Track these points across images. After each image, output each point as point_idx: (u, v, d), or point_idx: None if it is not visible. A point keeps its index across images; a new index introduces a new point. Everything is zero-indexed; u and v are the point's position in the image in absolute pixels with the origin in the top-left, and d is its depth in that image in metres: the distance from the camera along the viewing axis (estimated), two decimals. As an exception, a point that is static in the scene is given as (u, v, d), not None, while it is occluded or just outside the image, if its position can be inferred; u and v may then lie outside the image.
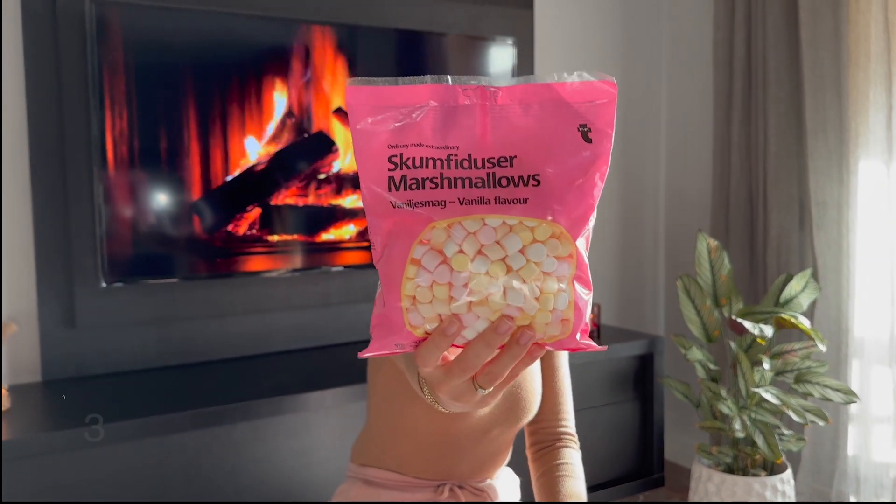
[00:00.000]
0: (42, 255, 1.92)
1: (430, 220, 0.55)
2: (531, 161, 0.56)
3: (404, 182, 0.55)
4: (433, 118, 0.55)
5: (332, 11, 2.21)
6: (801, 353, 2.19)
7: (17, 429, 1.58)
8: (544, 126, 0.56)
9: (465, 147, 0.55)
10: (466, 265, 0.55)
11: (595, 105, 0.56)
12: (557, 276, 0.57)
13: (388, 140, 0.55)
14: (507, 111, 0.56)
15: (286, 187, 2.15)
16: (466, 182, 0.55)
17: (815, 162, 2.34)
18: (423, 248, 0.56)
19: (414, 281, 0.56)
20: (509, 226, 0.55)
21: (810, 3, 2.30)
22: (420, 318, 0.57)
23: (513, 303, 0.56)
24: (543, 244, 0.56)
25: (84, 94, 1.90)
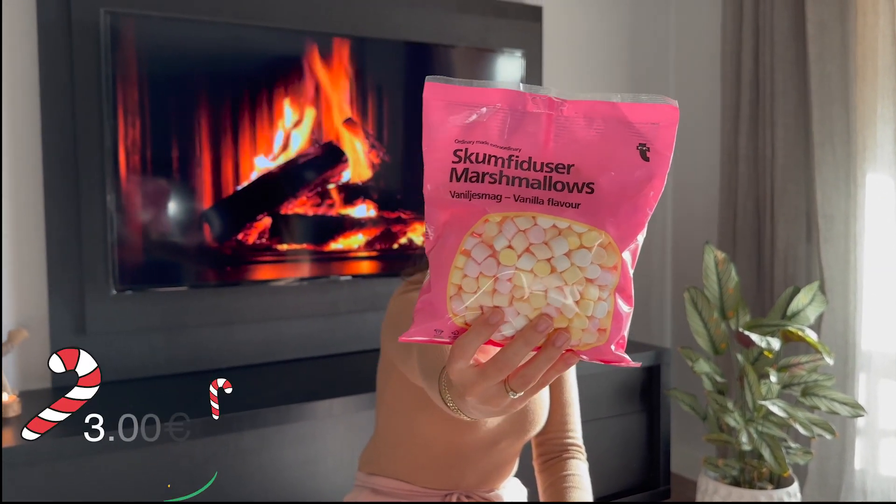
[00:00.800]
0: (54, 262, 1.94)
1: (484, 212, 0.58)
2: (588, 171, 0.58)
3: (466, 174, 0.58)
4: (500, 120, 0.58)
5: (343, 23, 2.24)
6: (808, 366, 2.18)
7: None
8: (605, 140, 0.58)
9: (527, 150, 0.58)
10: (513, 260, 0.57)
11: (656, 127, 0.58)
12: (600, 284, 0.58)
13: (457, 135, 0.58)
14: (571, 122, 0.58)
15: (296, 197, 2.17)
16: (524, 182, 0.58)
17: (823, 175, 2.34)
18: (475, 240, 0.58)
19: (462, 270, 0.58)
20: (559, 229, 0.58)
21: (818, 17, 2.31)
22: (462, 307, 0.59)
23: (553, 303, 0.58)
24: (590, 251, 0.58)
25: (97, 103, 1.93)
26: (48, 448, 1.56)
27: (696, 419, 2.73)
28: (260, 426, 1.77)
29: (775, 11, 2.42)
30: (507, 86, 0.58)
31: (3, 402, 1.70)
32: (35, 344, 1.96)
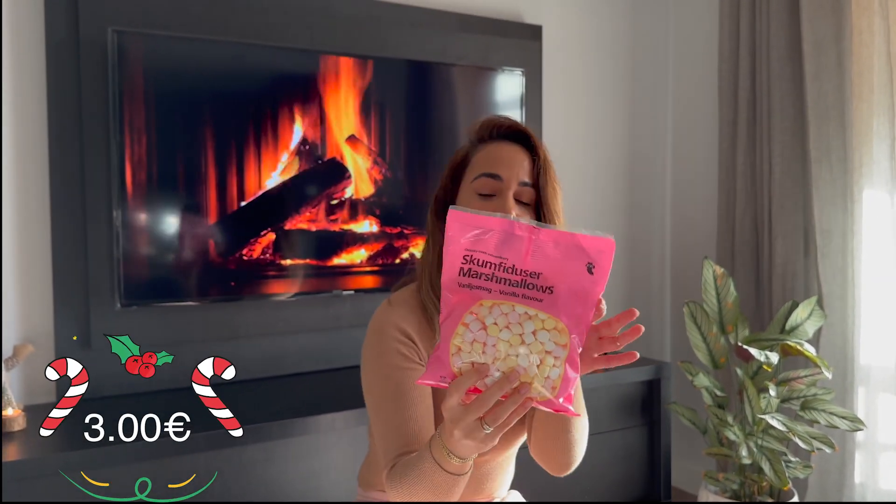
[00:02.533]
0: (60, 277, 1.96)
1: (479, 298, 0.86)
2: (551, 278, 0.86)
3: (470, 272, 0.86)
4: (496, 238, 0.86)
5: (346, 43, 2.27)
6: (807, 380, 2.20)
7: (32, 448, 1.61)
8: (564, 258, 0.86)
9: (512, 260, 0.86)
10: (497, 333, 0.85)
11: (600, 252, 0.87)
12: (554, 355, 0.85)
13: (467, 245, 0.86)
14: (543, 244, 0.86)
15: (299, 213, 2.19)
16: (508, 281, 0.86)
17: (820, 191, 2.37)
18: (472, 317, 0.86)
19: (462, 337, 0.86)
20: (529, 315, 0.85)
21: (814, 36, 2.34)
22: (460, 361, 0.86)
23: (522, 363, 0.85)
24: (548, 332, 0.85)
25: (104, 120, 1.95)
26: (54, 461, 1.57)
27: (696, 433, 2.74)
28: (264, 440, 1.78)
29: (772, 31, 2.46)
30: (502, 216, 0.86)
31: (8, 415, 1.72)
32: (40, 358, 1.97)
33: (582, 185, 2.91)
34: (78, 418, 1.83)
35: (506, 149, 1.21)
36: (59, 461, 1.57)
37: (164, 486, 1.70)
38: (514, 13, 2.71)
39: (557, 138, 2.82)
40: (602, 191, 2.97)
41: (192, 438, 1.69)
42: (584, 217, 2.92)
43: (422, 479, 1.02)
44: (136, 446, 1.65)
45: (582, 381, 2.27)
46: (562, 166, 3.03)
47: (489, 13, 2.65)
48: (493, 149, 1.21)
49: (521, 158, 1.20)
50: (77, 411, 1.88)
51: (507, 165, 1.18)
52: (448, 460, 0.97)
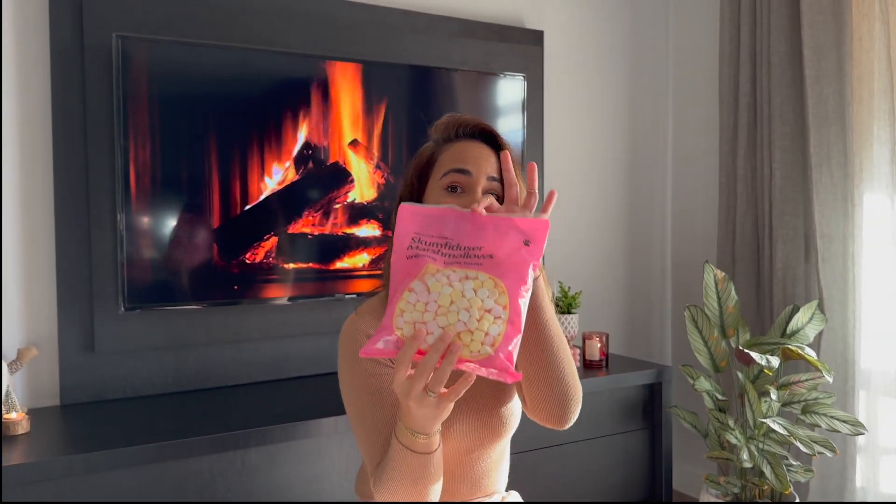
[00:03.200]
0: (64, 281, 1.97)
1: (426, 263, 0.93)
2: (490, 249, 0.94)
3: (418, 248, 0.95)
4: (442, 223, 0.96)
5: (349, 48, 2.28)
6: (807, 384, 2.21)
7: (36, 452, 1.62)
8: (503, 236, 0.95)
9: (455, 239, 0.95)
10: (439, 289, 0.91)
11: (535, 230, 0.96)
12: (494, 314, 0.90)
13: (416, 228, 0.96)
14: (484, 227, 0.96)
15: (302, 217, 2.20)
16: (451, 255, 0.94)
17: (820, 195, 2.38)
18: (417, 282, 0.92)
19: (405, 300, 0.91)
20: (469, 276, 0.92)
21: (814, 41, 2.35)
22: (402, 322, 0.91)
23: (462, 318, 0.90)
24: (488, 290, 0.91)
25: (109, 125, 1.97)
26: (58, 465, 1.58)
27: (697, 436, 2.75)
28: (267, 443, 1.78)
29: (772, 36, 2.47)
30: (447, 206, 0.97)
31: (13, 419, 1.72)
32: (44, 362, 1.98)
33: (583, 189, 2.92)
34: (82, 422, 1.84)
35: (473, 146, 1.23)
36: (63, 465, 1.58)
37: (169, 488, 1.71)
38: (516, 19, 2.73)
39: (559, 143, 2.83)
40: (603, 195, 2.98)
41: (195, 441, 1.71)
42: (584, 221, 2.93)
43: (397, 468, 1.06)
44: (139, 449, 1.65)
45: (583, 385, 2.28)
46: (563, 170, 3.04)
47: (491, 19, 2.66)
48: (460, 146, 1.23)
49: (487, 154, 1.23)
50: (81, 415, 1.90)
51: (474, 162, 1.21)
52: (413, 440, 1.02)
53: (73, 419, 1.87)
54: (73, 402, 1.99)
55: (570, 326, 2.49)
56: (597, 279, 2.96)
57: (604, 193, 2.98)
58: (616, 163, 3.01)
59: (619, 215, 3.02)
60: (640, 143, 3.06)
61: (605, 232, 2.99)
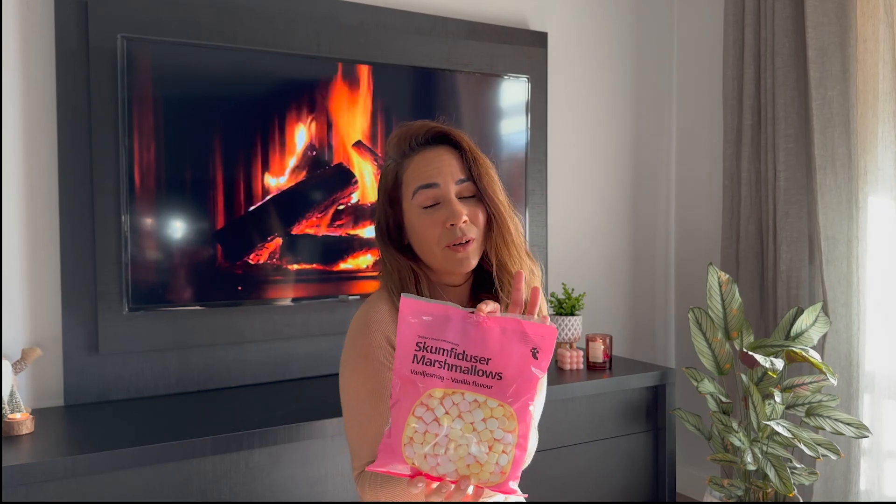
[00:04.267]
0: (68, 282, 1.97)
1: (429, 387, 0.90)
2: (499, 363, 0.91)
3: (424, 359, 0.91)
4: (449, 325, 0.92)
5: (352, 49, 2.28)
6: (811, 386, 2.20)
7: (40, 452, 1.62)
8: (511, 344, 0.92)
9: (463, 346, 0.91)
10: (449, 423, 0.90)
11: (543, 338, 0.92)
12: (504, 442, 0.90)
13: (419, 332, 0.91)
14: (491, 331, 0.92)
15: (306, 218, 2.20)
16: (458, 368, 0.91)
17: (825, 198, 2.38)
18: (423, 409, 0.90)
19: (413, 427, 0.90)
20: (479, 402, 0.90)
21: (818, 43, 2.35)
22: (412, 453, 0.91)
23: (472, 452, 0.90)
24: (497, 419, 0.90)
25: (113, 126, 1.97)
26: (62, 465, 1.58)
27: (700, 439, 2.75)
28: (271, 444, 1.78)
29: (776, 38, 2.47)
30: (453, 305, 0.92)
31: (17, 419, 1.73)
32: (49, 362, 1.99)
33: (586, 191, 2.92)
34: (86, 422, 1.84)
35: (431, 155, 1.22)
36: (66, 465, 1.58)
37: (173, 489, 1.71)
38: (520, 20, 2.73)
39: (562, 145, 2.83)
40: (606, 197, 2.98)
41: (198, 442, 1.71)
42: (587, 223, 2.93)
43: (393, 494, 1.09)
44: (142, 450, 1.65)
45: (587, 387, 2.28)
46: (566, 172, 3.03)
47: (495, 20, 2.66)
48: (419, 159, 1.22)
49: (448, 158, 1.21)
50: (85, 415, 1.90)
51: (437, 171, 1.19)
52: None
53: (76, 419, 1.88)
54: (77, 403, 1.99)
55: (574, 329, 2.49)
56: (600, 281, 2.96)
57: (607, 195, 2.98)
58: (620, 165, 3.01)
59: (623, 217, 3.02)
60: (643, 144, 3.06)
61: (608, 234, 2.99)
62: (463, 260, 1.19)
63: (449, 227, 1.18)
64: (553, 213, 2.78)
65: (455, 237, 1.17)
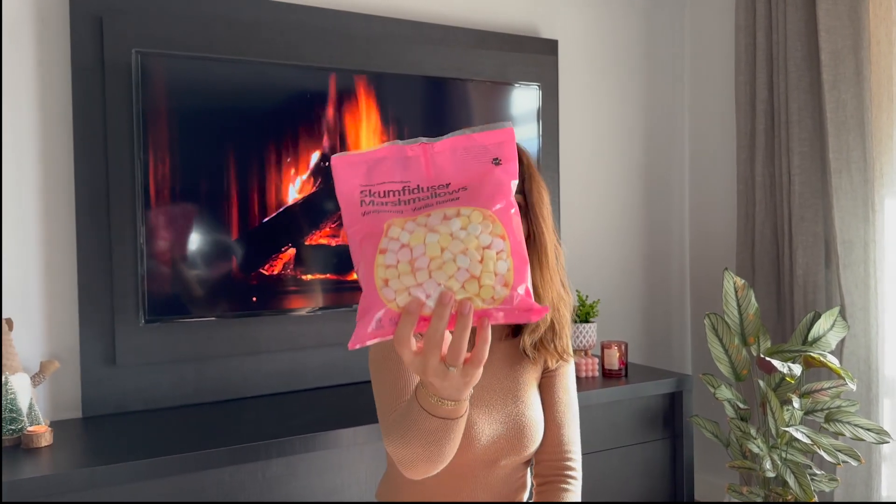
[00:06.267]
0: (85, 294, 1.99)
1: (387, 219, 0.76)
2: (460, 182, 0.78)
3: (372, 202, 0.77)
4: (390, 165, 0.78)
5: (364, 60, 2.30)
6: (830, 391, 2.18)
7: (60, 464, 1.63)
8: (468, 161, 0.79)
9: (415, 180, 0.78)
10: (421, 240, 0.74)
11: (501, 144, 0.79)
12: (496, 248, 0.75)
13: (360, 181, 0.78)
14: (441, 156, 0.79)
15: (319, 228, 2.21)
16: (416, 200, 0.78)
17: (840, 201, 2.36)
18: (387, 240, 0.75)
19: (383, 266, 0.74)
20: (448, 215, 0.75)
21: (831, 46, 2.34)
22: (392, 293, 0.74)
23: (462, 264, 0.74)
24: (479, 224, 0.75)
25: (129, 140, 1.99)
26: (81, 477, 1.59)
27: (718, 446, 2.72)
28: (287, 454, 1.79)
29: (788, 42, 2.46)
30: (388, 144, 0.78)
31: (36, 431, 1.74)
32: (66, 374, 2.00)
33: (599, 197, 2.91)
34: (104, 434, 1.85)
35: None
36: (85, 477, 1.59)
37: (191, 500, 1.71)
38: (531, 28, 2.73)
39: (574, 151, 2.83)
40: (619, 203, 2.97)
41: (215, 453, 1.72)
42: (601, 229, 2.92)
43: (411, 429, 0.96)
44: (160, 461, 1.66)
45: (603, 394, 2.27)
46: (579, 179, 3.04)
47: (505, 29, 2.67)
48: None
49: None
50: (103, 427, 1.91)
51: None
52: (438, 405, 0.90)
53: (95, 431, 1.89)
54: (95, 415, 2.00)
55: (589, 336, 2.48)
56: (615, 288, 2.94)
57: (621, 202, 2.97)
58: (632, 171, 3.00)
59: (637, 223, 3.01)
60: (656, 150, 3.05)
61: (622, 240, 2.98)
62: None
63: None
64: (566, 220, 2.78)
65: None
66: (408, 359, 0.77)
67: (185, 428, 1.91)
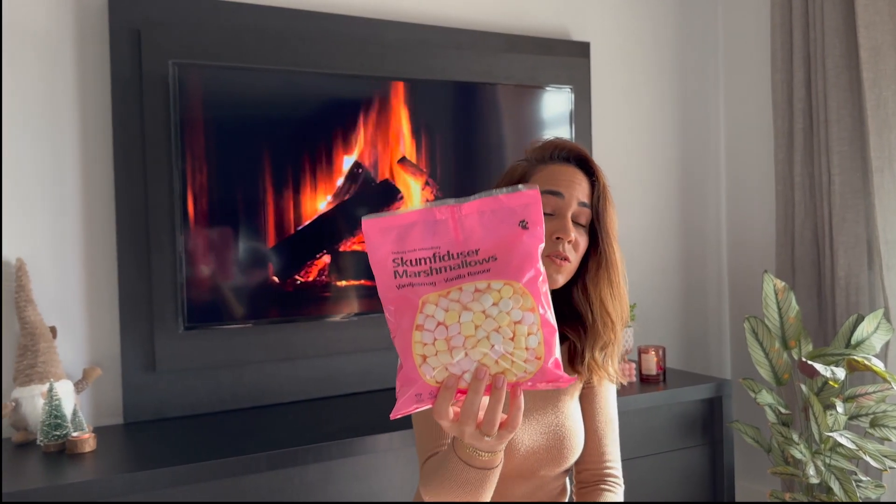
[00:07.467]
0: (125, 302, 2.02)
1: (422, 294, 0.78)
2: (489, 249, 0.80)
3: (405, 273, 0.79)
4: (420, 230, 0.80)
5: (395, 67, 2.31)
6: (875, 395, 2.13)
7: (103, 470, 1.66)
8: (495, 225, 0.80)
9: (445, 246, 0.80)
10: (456, 319, 0.77)
11: (527, 206, 0.80)
12: (527, 323, 0.78)
13: (392, 248, 0.79)
14: (469, 218, 0.80)
15: (353, 235, 2.22)
16: (446, 268, 0.79)
17: (883, 201, 2.31)
18: (423, 316, 0.78)
19: (420, 342, 0.78)
20: (480, 289, 0.78)
21: (871, 42, 2.29)
22: (431, 370, 0.78)
23: (495, 342, 0.77)
24: (509, 299, 0.78)
25: (167, 150, 2.02)
26: (123, 482, 1.61)
27: (759, 452, 2.67)
28: (324, 459, 1.80)
29: (826, 39, 2.42)
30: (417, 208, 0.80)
31: (80, 437, 1.77)
32: (108, 381, 2.04)
33: (635, 200, 2.88)
34: (145, 439, 1.88)
35: (567, 169, 1.24)
36: (126, 482, 1.62)
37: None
38: (562, 31, 2.72)
39: (608, 154, 2.81)
40: (655, 206, 2.94)
41: (253, 459, 1.73)
42: (636, 232, 2.89)
43: (448, 479, 0.99)
44: (201, 466, 1.68)
45: (640, 400, 2.25)
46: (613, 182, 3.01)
47: (536, 32, 2.66)
48: (554, 168, 1.24)
49: (580, 179, 1.23)
50: (144, 433, 1.94)
51: (567, 185, 1.21)
52: (474, 456, 0.95)
53: (136, 437, 1.92)
54: (136, 420, 2.04)
55: (626, 340, 2.45)
56: (651, 292, 2.91)
57: (656, 204, 2.94)
58: (668, 172, 2.97)
59: (673, 226, 2.98)
60: (691, 152, 3.02)
61: (659, 243, 2.95)
62: (554, 274, 1.18)
63: (554, 240, 1.18)
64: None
65: (556, 249, 1.17)
66: (446, 427, 0.83)
67: (223, 433, 1.93)
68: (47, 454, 1.77)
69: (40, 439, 1.78)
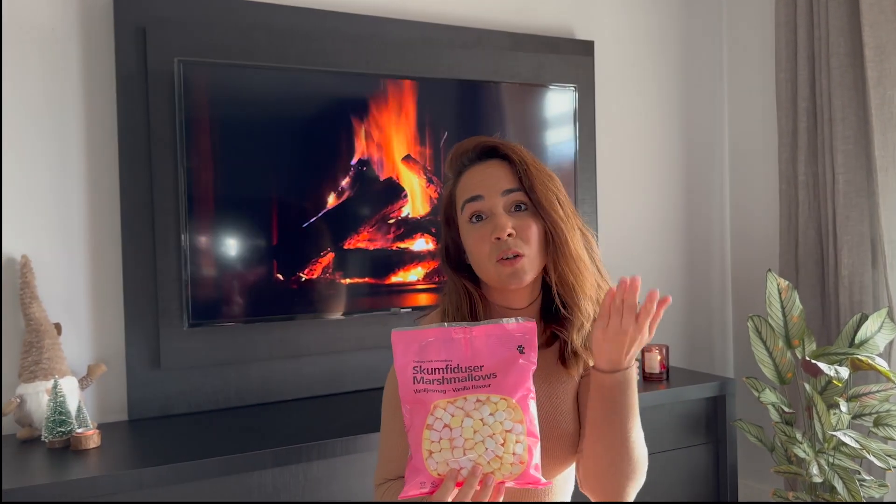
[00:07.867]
0: (130, 299, 2.03)
1: (434, 400, 0.97)
2: (491, 367, 0.98)
3: (423, 380, 0.98)
4: (437, 345, 0.99)
5: (400, 65, 2.31)
6: (879, 395, 2.13)
7: (108, 466, 1.66)
8: (498, 347, 0.99)
9: (456, 360, 0.98)
10: (459, 424, 0.96)
11: (525, 335, 1.00)
12: (515, 432, 0.96)
13: (414, 357, 0.98)
14: (478, 339, 0.99)
15: (358, 233, 2.23)
16: (455, 379, 0.98)
17: (887, 199, 2.31)
18: (433, 418, 0.97)
19: (429, 440, 0.96)
20: (481, 400, 0.97)
21: (875, 41, 2.29)
22: (435, 463, 0.96)
23: (488, 446, 0.95)
24: (503, 411, 0.96)
25: (172, 147, 2.03)
26: (129, 478, 1.62)
27: (763, 451, 2.67)
28: (329, 456, 1.80)
29: (831, 38, 2.42)
30: (437, 326, 0.99)
31: (85, 433, 1.78)
32: (112, 378, 2.05)
33: (638, 199, 2.89)
34: (150, 436, 1.89)
35: (480, 168, 1.19)
36: (132, 478, 1.62)
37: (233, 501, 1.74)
38: (566, 30, 2.72)
39: (612, 153, 2.81)
40: (659, 204, 2.94)
41: (258, 455, 1.74)
42: (640, 231, 2.89)
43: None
44: (205, 463, 1.69)
45: (644, 398, 2.25)
46: (617, 181, 3.01)
47: (541, 31, 2.66)
48: (469, 174, 1.20)
49: (495, 170, 1.18)
50: (148, 429, 1.95)
51: (483, 183, 1.16)
52: None
53: (141, 434, 1.92)
54: (140, 417, 2.04)
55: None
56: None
57: (660, 203, 2.94)
58: (671, 171, 2.97)
59: (677, 225, 2.98)
60: (695, 150, 3.02)
61: (662, 242, 2.95)
62: (511, 276, 1.13)
63: (494, 241, 1.13)
64: (604, 222, 2.75)
65: (501, 250, 1.13)
66: None
67: (228, 430, 1.93)
68: (52, 450, 1.77)
69: (45, 436, 1.78)
